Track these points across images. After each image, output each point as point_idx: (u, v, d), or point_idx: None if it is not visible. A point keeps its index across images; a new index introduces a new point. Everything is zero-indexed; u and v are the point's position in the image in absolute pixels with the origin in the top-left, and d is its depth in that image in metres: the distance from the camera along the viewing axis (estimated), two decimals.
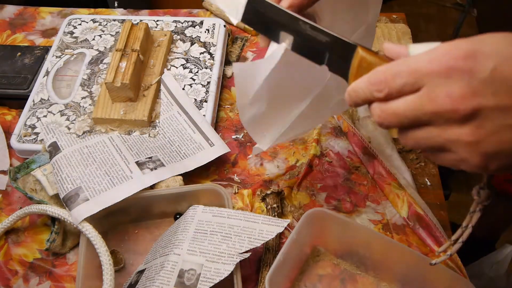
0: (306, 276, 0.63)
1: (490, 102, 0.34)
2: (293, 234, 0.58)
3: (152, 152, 0.68)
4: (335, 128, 0.79)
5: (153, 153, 0.68)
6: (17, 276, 0.64)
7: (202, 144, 0.71)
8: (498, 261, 1.05)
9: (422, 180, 0.73)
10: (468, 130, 0.35)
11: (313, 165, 0.75)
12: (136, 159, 0.66)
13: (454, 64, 0.34)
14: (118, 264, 0.63)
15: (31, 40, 0.93)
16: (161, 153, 0.69)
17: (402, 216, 0.68)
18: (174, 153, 0.70)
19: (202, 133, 0.72)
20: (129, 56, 0.76)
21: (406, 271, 0.60)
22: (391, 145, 0.74)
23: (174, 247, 0.58)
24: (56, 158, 0.65)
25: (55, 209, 0.61)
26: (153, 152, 0.69)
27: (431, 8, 2.30)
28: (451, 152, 0.37)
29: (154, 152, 0.69)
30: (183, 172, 0.67)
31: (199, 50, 0.85)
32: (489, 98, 0.34)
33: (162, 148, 0.70)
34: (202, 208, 0.62)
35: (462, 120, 0.35)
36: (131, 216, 0.67)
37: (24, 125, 0.75)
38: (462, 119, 0.35)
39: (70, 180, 0.63)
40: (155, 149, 0.70)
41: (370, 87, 0.39)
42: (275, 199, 0.69)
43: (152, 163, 0.67)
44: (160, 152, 0.69)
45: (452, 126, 0.36)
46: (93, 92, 0.79)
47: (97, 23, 0.90)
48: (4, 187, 0.73)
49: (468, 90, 0.34)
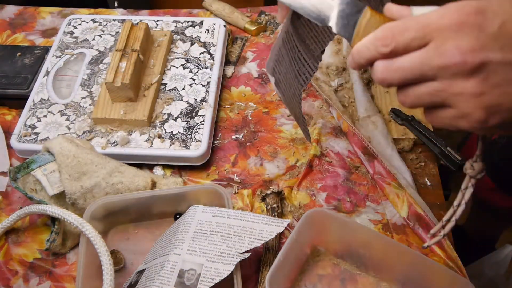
0: (306, 276, 0.63)
1: (497, 56, 0.35)
2: (293, 234, 0.58)
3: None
4: (335, 128, 0.79)
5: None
6: (17, 276, 0.64)
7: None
8: (498, 261, 1.05)
9: (422, 180, 0.73)
10: (473, 83, 0.36)
11: (313, 165, 0.75)
12: None
13: (465, 19, 0.35)
14: (118, 264, 0.63)
15: (31, 40, 0.93)
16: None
17: (402, 216, 0.68)
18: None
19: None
20: (129, 56, 0.76)
21: (406, 271, 0.60)
22: (391, 145, 0.74)
23: (174, 247, 0.58)
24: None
25: (55, 209, 0.61)
26: None
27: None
28: (452, 108, 0.38)
29: None
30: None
31: (199, 50, 0.85)
32: (496, 52, 0.35)
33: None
34: (202, 208, 0.62)
35: (469, 73, 0.36)
36: (131, 216, 0.67)
37: (24, 125, 0.75)
38: (469, 72, 0.36)
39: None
40: None
41: (376, 42, 0.39)
42: (275, 199, 0.69)
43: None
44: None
45: (458, 79, 0.36)
46: (93, 92, 0.79)
47: (97, 23, 0.90)
48: (4, 188, 0.73)
49: (477, 44, 0.35)
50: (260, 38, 0.93)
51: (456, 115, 0.38)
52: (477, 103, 0.36)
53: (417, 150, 0.76)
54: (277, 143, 0.77)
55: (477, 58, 0.35)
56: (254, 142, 0.78)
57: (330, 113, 0.81)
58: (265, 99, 0.83)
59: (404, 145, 0.76)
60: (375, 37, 0.39)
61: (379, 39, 0.39)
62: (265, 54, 0.90)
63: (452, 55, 0.36)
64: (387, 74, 0.39)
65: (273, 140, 0.78)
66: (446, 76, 0.37)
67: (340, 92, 0.84)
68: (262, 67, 0.88)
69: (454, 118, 0.38)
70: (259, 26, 0.93)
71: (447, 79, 0.37)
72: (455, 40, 0.36)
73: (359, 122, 0.77)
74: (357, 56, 0.41)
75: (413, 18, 0.38)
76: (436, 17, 0.37)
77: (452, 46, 0.36)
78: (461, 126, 0.39)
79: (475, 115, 0.37)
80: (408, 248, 0.60)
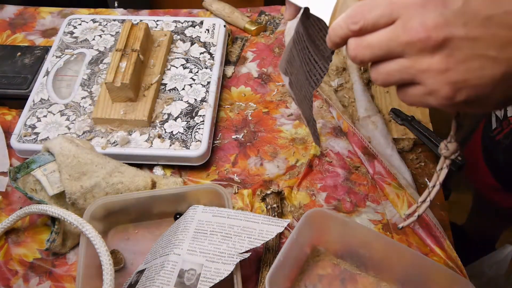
0: (306, 276, 0.63)
1: (460, 32, 0.35)
2: (293, 234, 0.58)
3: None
4: (335, 128, 0.79)
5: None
6: (17, 276, 0.64)
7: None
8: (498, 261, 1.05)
9: (422, 180, 0.73)
10: (438, 59, 0.36)
11: (313, 165, 0.75)
12: None
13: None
14: (118, 264, 0.63)
15: (31, 40, 0.93)
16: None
17: (402, 216, 0.68)
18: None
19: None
20: (129, 56, 0.76)
21: (406, 271, 0.60)
22: (391, 145, 0.74)
23: (174, 247, 0.58)
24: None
25: (55, 209, 0.61)
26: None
27: None
28: (421, 85, 0.38)
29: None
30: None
31: (199, 50, 0.85)
32: (459, 28, 0.35)
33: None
34: (202, 208, 0.62)
35: (434, 49, 0.36)
36: (131, 216, 0.67)
37: (24, 125, 0.75)
38: (433, 48, 0.36)
39: None
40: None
41: (347, 20, 0.40)
42: (275, 199, 0.69)
43: None
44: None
45: (423, 56, 0.37)
46: (93, 92, 0.79)
47: (97, 23, 0.90)
48: (3, 188, 0.73)
49: (441, 20, 0.35)
50: (260, 38, 0.93)
51: (424, 92, 0.39)
52: (443, 79, 0.37)
53: (417, 150, 0.76)
54: (277, 143, 0.77)
55: (440, 34, 0.35)
56: (254, 142, 0.78)
57: (330, 113, 0.81)
58: (265, 99, 0.83)
59: (404, 145, 0.76)
60: (347, 16, 0.40)
61: (349, 17, 0.40)
62: (265, 54, 0.90)
63: (416, 32, 0.36)
64: (358, 51, 0.40)
65: (273, 140, 0.78)
66: (413, 53, 0.37)
67: (340, 92, 0.84)
68: (262, 67, 0.88)
69: (423, 95, 0.39)
70: (259, 26, 0.93)
71: (414, 56, 0.37)
72: (420, 16, 0.36)
73: (359, 122, 0.77)
74: (332, 34, 0.42)
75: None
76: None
77: (417, 22, 0.36)
78: (430, 103, 0.39)
79: (442, 92, 0.37)
80: (408, 248, 0.60)
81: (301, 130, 0.79)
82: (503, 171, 0.90)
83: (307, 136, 0.78)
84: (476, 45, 0.35)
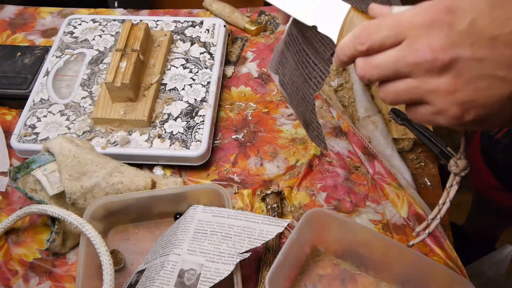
0: (306, 276, 0.63)
1: (467, 53, 0.35)
2: (293, 234, 0.58)
3: None
4: (335, 128, 0.79)
5: None
6: (17, 276, 0.64)
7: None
8: (498, 261, 1.05)
9: (422, 180, 0.73)
10: (446, 80, 0.37)
11: (313, 165, 0.75)
12: None
13: (436, 17, 0.36)
14: (118, 264, 0.63)
15: (31, 40, 0.93)
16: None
17: (402, 216, 0.68)
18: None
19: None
20: (129, 56, 0.76)
21: (406, 271, 0.60)
22: (391, 145, 0.74)
23: (174, 247, 0.58)
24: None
25: (55, 209, 0.61)
26: None
27: None
28: (429, 105, 0.39)
29: None
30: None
31: (199, 50, 0.85)
32: (466, 49, 0.35)
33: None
34: (202, 208, 0.62)
35: (441, 70, 0.36)
36: (131, 216, 0.67)
37: (24, 125, 0.75)
38: (441, 69, 0.36)
39: None
40: None
41: (354, 40, 0.40)
42: (275, 199, 0.69)
43: None
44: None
45: (431, 76, 0.37)
46: (93, 92, 0.79)
47: (97, 23, 0.90)
48: (3, 188, 0.73)
49: (447, 41, 0.36)
50: (260, 38, 0.93)
51: (433, 111, 0.39)
52: (451, 100, 0.37)
53: (417, 150, 0.76)
54: (277, 143, 0.77)
55: (447, 55, 0.36)
56: (254, 142, 0.78)
57: (330, 113, 0.81)
58: (265, 99, 0.83)
59: (404, 145, 0.76)
60: (353, 36, 0.41)
61: (356, 38, 0.40)
62: (265, 54, 0.90)
63: (423, 53, 0.36)
64: (366, 71, 0.40)
65: (273, 140, 0.78)
66: (420, 73, 0.38)
67: (340, 92, 0.84)
68: (262, 67, 0.88)
69: (432, 115, 0.39)
70: (259, 26, 0.93)
71: (421, 76, 0.38)
72: (426, 37, 0.36)
73: (359, 122, 0.77)
74: (340, 54, 0.42)
75: (387, 17, 0.39)
76: (408, 16, 0.38)
77: (424, 43, 0.36)
78: (439, 122, 0.39)
79: (451, 112, 0.38)
80: (408, 248, 0.60)
81: (301, 130, 0.79)
82: (502, 170, 0.90)
83: (307, 136, 0.78)
84: (483, 65, 0.35)
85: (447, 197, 0.49)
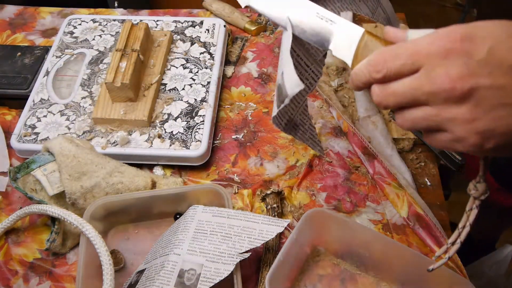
0: (306, 276, 0.63)
1: (486, 82, 0.35)
2: (293, 234, 0.58)
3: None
4: (335, 128, 0.79)
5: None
6: (17, 276, 0.64)
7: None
8: (498, 261, 1.05)
9: (422, 180, 0.73)
10: (465, 109, 0.36)
11: (313, 165, 0.75)
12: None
13: (453, 46, 0.36)
14: (118, 264, 0.63)
15: (31, 40, 0.93)
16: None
17: (402, 216, 0.68)
18: None
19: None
20: (129, 56, 0.76)
21: (406, 271, 0.60)
22: (391, 145, 0.74)
23: (174, 247, 0.58)
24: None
25: (55, 209, 0.61)
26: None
27: (431, 8, 2.30)
28: (447, 132, 0.39)
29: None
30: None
31: (199, 50, 0.85)
32: (485, 78, 0.35)
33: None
34: (202, 208, 0.62)
35: (460, 99, 0.36)
36: (131, 216, 0.67)
37: (24, 125, 0.75)
38: (459, 98, 0.36)
39: None
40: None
41: (369, 68, 0.40)
42: (275, 199, 0.69)
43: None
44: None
45: (449, 105, 0.37)
46: (93, 92, 0.79)
47: (97, 23, 0.90)
48: (4, 188, 0.73)
49: (465, 70, 0.35)
50: (260, 38, 0.93)
51: (452, 139, 0.39)
52: (470, 129, 0.37)
53: (417, 150, 0.76)
54: (277, 143, 0.77)
55: (466, 85, 0.35)
56: (254, 142, 0.78)
57: (330, 113, 0.81)
58: (265, 99, 0.83)
59: (404, 145, 0.76)
60: (369, 63, 0.40)
61: (372, 65, 0.40)
62: (265, 54, 0.90)
63: (441, 82, 0.36)
64: (382, 98, 0.40)
65: (273, 140, 0.78)
66: (438, 102, 0.37)
67: (340, 92, 0.84)
68: (262, 67, 0.88)
69: (451, 142, 0.39)
70: (259, 26, 0.93)
71: (439, 105, 0.37)
72: (444, 67, 0.36)
73: (359, 122, 0.77)
74: (355, 79, 0.42)
75: (403, 45, 0.39)
76: (425, 44, 0.37)
77: (442, 72, 0.36)
78: (458, 149, 0.39)
79: (470, 140, 0.37)
80: (408, 248, 0.60)
81: None
82: (502, 171, 0.90)
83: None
84: (502, 94, 0.35)
85: (467, 221, 0.48)
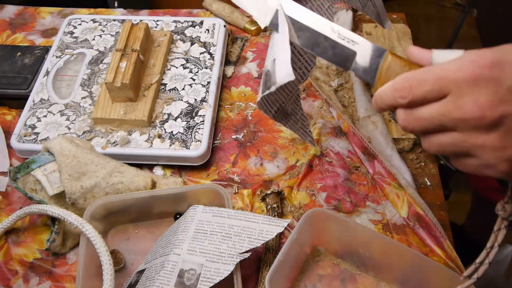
0: (306, 276, 0.63)
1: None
2: (293, 234, 0.58)
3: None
4: (335, 128, 0.79)
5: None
6: (17, 276, 0.64)
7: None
8: (498, 261, 1.05)
9: (422, 180, 0.73)
10: (495, 137, 0.36)
11: (313, 165, 0.75)
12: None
13: (481, 73, 0.35)
14: (118, 264, 0.63)
15: (31, 40, 0.93)
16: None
17: (402, 216, 0.68)
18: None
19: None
20: (129, 56, 0.76)
21: (406, 271, 0.60)
22: (391, 145, 0.74)
23: (174, 247, 0.58)
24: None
25: (55, 209, 0.61)
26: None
27: (431, 8, 2.30)
28: (476, 158, 0.38)
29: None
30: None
31: (199, 50, 0.85)
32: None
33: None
34: (202, 208, 0.62)
35: (489, 127, 0.36)
36: (131, 216, 0.67)
37: (24, 125, 0.75)
38: (489, 126, 0.36)
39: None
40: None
41: (395, 93, 0.40)
42: (275, 199, 0.69)
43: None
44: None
45: (478, 132, 0.36)
46: (93, 92, 0.79)
47: (97, 23, 0.90)
48: (4, 188, 0.73)
49: (495, 98, 0.35)
50: (260, 38, 0.93)
51: (481, 164, 0.38)
52: (500, 156, 0.37)
53: (417, 150, 0.76)
54: (277, 143, 0.77)
55: (496, 113, 0.35)
56: (254, 142, 0.78)
57: (330, 113, 0.81)
58: None
59: (404, 145, 0.76)
60: (394, 88, 0.40)
61: (397, 90, 0.39)
62: (265, 54, 0.90)
63: (470, 110, 0.36)
64: (408, 123, 0.40)
65: (273, 140, 0.78)
66: (466, 129, 0.37)
67: (340, 92, 0.84)
68: (262, 67, 0.88)
69: (480, 167, 0.39)
70: (259, 26, 0.93)
71: (468, 131, 0.37)
72: (472, 94, 0.36)
73: (359, 122, 0.77)
74: (379, 102, 0.42)
75: (430, 70, 0.38)
76: (452, 70, 0.37)
77: (470, 100, 0.36)
78: (488, 174, 0.39)
79: (500, 167, 0.37)
80: (408, 248, 0.60)
81: None
82: None
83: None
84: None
85: (495, 241, 0.47)
